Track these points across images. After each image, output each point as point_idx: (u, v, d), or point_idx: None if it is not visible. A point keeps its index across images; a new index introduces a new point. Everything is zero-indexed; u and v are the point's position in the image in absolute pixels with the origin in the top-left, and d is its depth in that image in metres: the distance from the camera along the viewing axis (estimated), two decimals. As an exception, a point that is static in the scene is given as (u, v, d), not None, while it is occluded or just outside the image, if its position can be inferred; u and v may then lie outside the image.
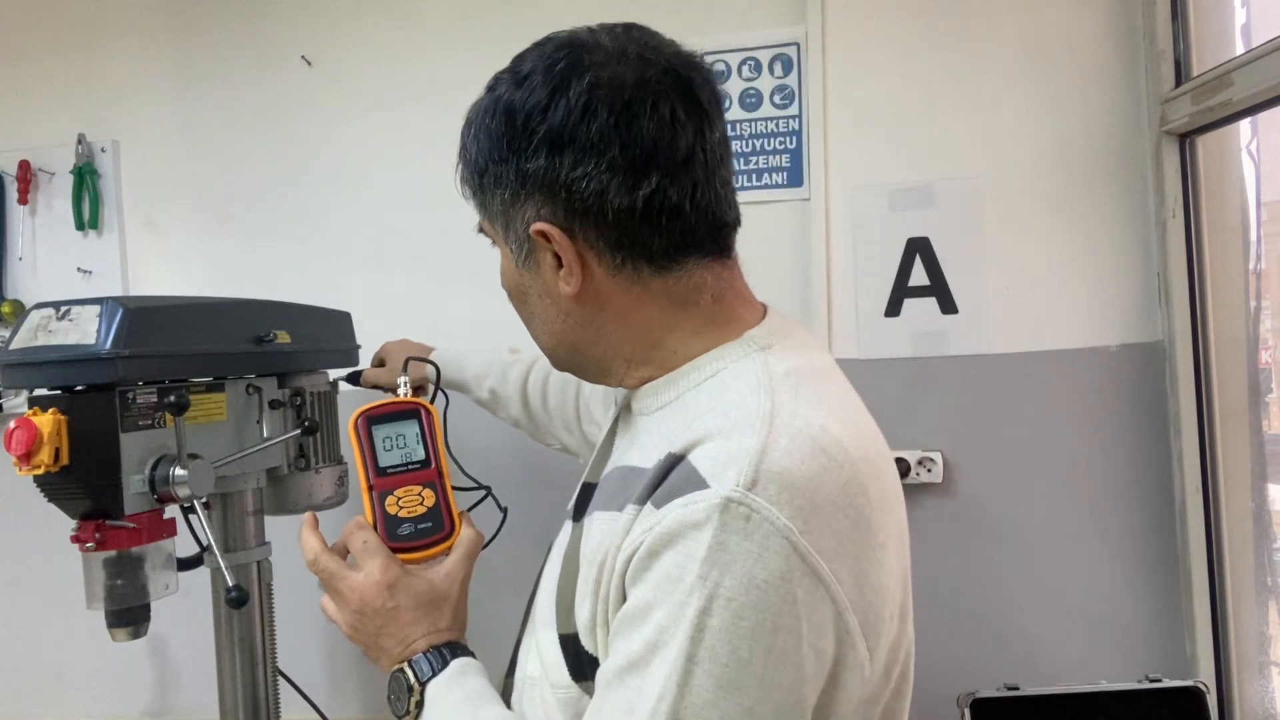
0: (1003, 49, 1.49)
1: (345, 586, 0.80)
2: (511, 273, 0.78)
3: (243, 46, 1.73)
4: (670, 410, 0.74)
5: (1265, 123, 1.38)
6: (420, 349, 1.39)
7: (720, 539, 0.59)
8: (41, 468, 0.93)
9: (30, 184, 1.77)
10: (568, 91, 0.68)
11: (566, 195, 0.70)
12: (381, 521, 0.83)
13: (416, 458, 0.86)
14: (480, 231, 0.80)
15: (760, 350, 0.73)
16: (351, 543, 0.81)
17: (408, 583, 0.79)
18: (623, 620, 0.63)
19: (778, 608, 0.58)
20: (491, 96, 0.73)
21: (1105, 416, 1.47)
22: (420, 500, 0.84)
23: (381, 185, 1.69)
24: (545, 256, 0.73)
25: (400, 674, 0.77)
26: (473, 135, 0.75)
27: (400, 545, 0.82)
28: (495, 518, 1.22)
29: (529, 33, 0.77)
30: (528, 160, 0.70)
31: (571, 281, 0.72)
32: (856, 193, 1.53)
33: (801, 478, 0.61)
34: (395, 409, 0.88)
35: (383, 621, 0.78)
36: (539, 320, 0.78)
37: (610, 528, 0.68)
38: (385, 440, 0.86)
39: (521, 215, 0.73)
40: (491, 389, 1.28)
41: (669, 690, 0.58)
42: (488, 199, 0.75)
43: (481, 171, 0.74)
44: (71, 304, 0.99)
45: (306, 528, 0.86)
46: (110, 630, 1.03)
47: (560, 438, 1.22)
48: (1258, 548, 1.39)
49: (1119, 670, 1.34)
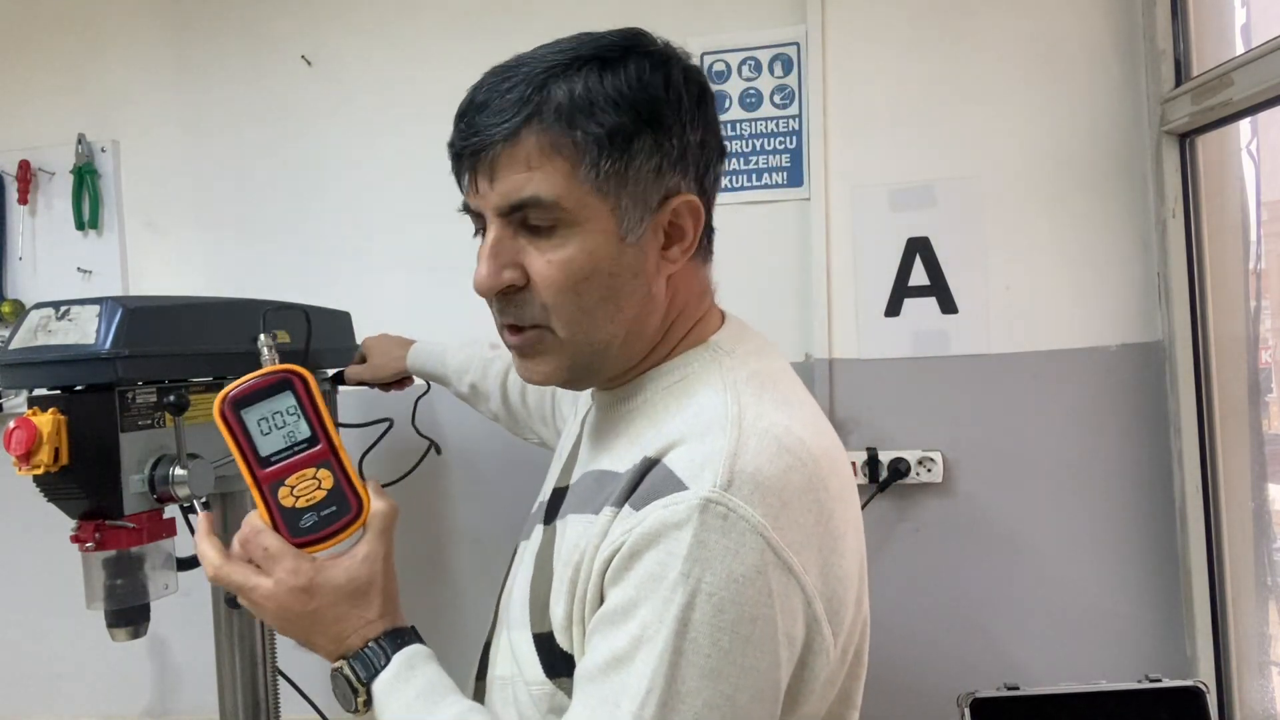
0: (1003, 49, 1.50)
1: (258, 597, 0.73)
2: (605, 250, 0.69)
3: (243, 46, 1.73)
4: (639, 413, 0.75)
5: (1265, 123, 1.38)
6: (401, 342, 1.39)
7: (700, 537, 0.61)
8: (41, 468, 0.93)
9: (30, 184, 1.77)
10: (703, 81, 0.74)
11: (704, 172, 0.74)
12: (279, 517, 0.74)
13: (301, 436, 0.75)
14: (514, 210, 0.69)
15: (724, 355, 0.75)
16: (251, 551, 0.73)
17: (324, 580, 0.72)
18: (603, 618, 0.65)
19: (755, 599, 0.62)
20: (623, 66, 0.69)
21: (1105, 416, 1.47)
22: (317, 484, 0.74)
23: (382, 185, 1.69)
24: (658, 233, 0.72)
25: (338, 675, 0.73)
26: (605, 94, 0.68)
27: (305, 539, 0.73)
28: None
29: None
30: (690, 133, 0.71)
31: (681, 259, 0.73)
32: (856, 193, 1.53)
33: (771, 476, 0.64)
34: (261, 385, 0.75)
35: (308, 624, 0.73)
36: (614, 305, 0.71)
37: (586, 530, 0.69)
38: (261, 423, 0.74)
39: (662, 186, 0.71)
40: (472, 383, 1.29)
41: (657, 682, 0.61)
42: (626, 163, 0.68)
43: (631, 135, 0.68)
44: (71, 304, 0.99)
45: (202, 535, 0.77)
46: (110, 630, 1.03)
47: (538, 432, 1.22)
48: (1258, 548, 1.39)
49: (1119, 670, 1.34)
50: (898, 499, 1.52)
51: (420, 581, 1.67)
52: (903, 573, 1.51)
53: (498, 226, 0.71)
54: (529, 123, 0.67)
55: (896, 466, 1.49)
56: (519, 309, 0.72)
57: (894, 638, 1.50)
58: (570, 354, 0.73)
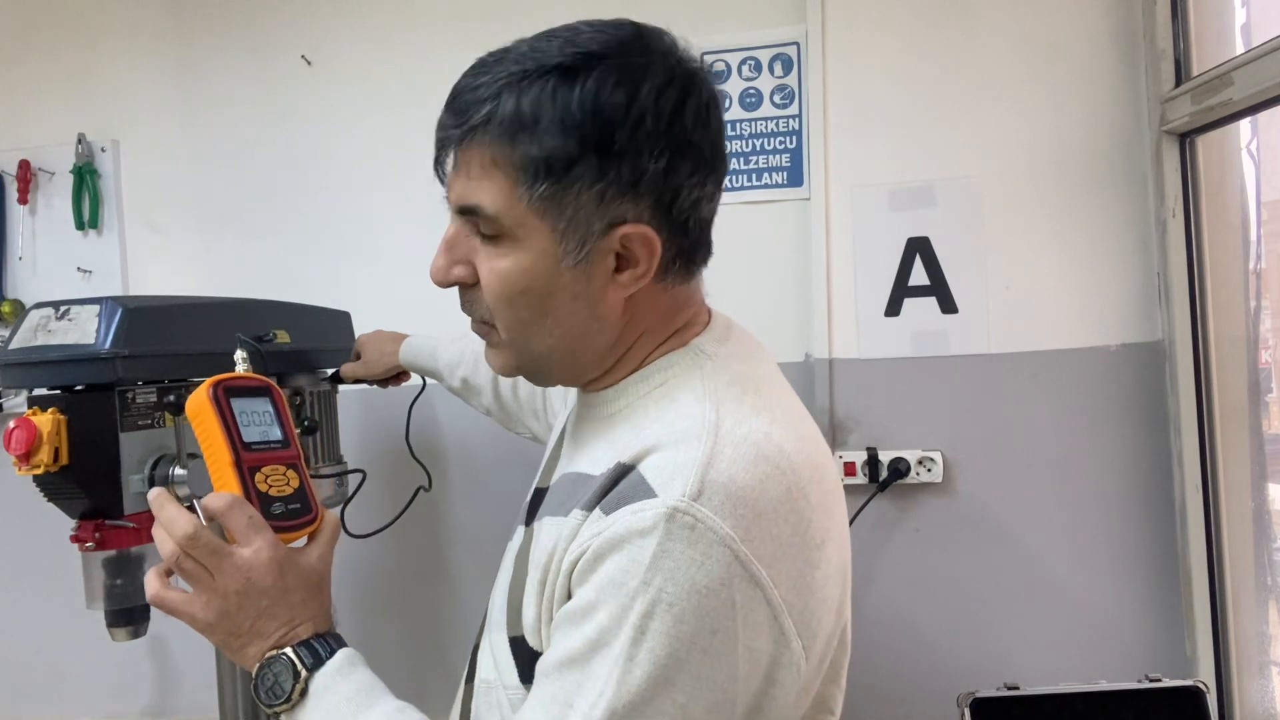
0: (1003, 49, 1.50)
1: (230, 565, 0.71)
2: (540, 271, 0.68)
3: (243, 46, 1.73)
4: (621, 418, 0.75)
5: (1265, 123, 1.38)
6: (394, 338, 1.39)
7: (665, 546, 0.61)
8: (41, 467, 0.93)
9: (30, 184, 1.77)
10: (697, 93, 0.68)
11: (670, 200, 0.68)
12: (255, 499, 0.75)
13: (275, 436, 0.79)
14: (465, 213, 0.70)
15: (706, 359, 0.74)
16: (232, 518, 0.72)
17: (295, 562, 0.74)
18: (565, 617, 0.65)
19: (716, 611, 0.61)
20: (581, 82, 0.65)
21: (1105, 416, 1.47)
22: (287, 480, 0.78)
23: (381, 185, 1.69)
24: (606, 258, 0.68)
25: (279, 660, 0.72)
26: (554, 114, 0.65)
27: (275, 525, 0.75)
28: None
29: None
30: (649, 160, 0.66)
31: (633, 286, 0.70)
32: (856, 193, 1.53)
33: (744, 487, 0.63)
34: (249, 383, 0.80)
35: (269, 601, 0.72)
36: (552, 322, 0.71)
37: (558, 532, 0.69)
38: (243, 415, 0.78)
39: (607, 213, 0.67)
40: (464, 378, 1.28)
41: (608, 687, 0.60)
42: (568, 189, 0.66)
43: (572, 159, 0.65)
44: (71, 304, 0.99)
45: (167, 501, 0.73)
46: (110, 630, 1.03)
47: (530, 426, 1.22)
48: (1258, 548, 1.39)
49: (1119, 670, 1.34)
50: (898, 499, 1.52)
51: (420, 581, 1.67)
52: (903, 573, 1.51)
53: (456, 223, 0.72)
54: (474, 134, 0.67)
55: (896, 466, 1.49)
56: (471, 305, 0.74)
57: (894, 637, 1.50)
58: (515, 354, 0.75)
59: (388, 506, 1.47)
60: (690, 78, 0.69)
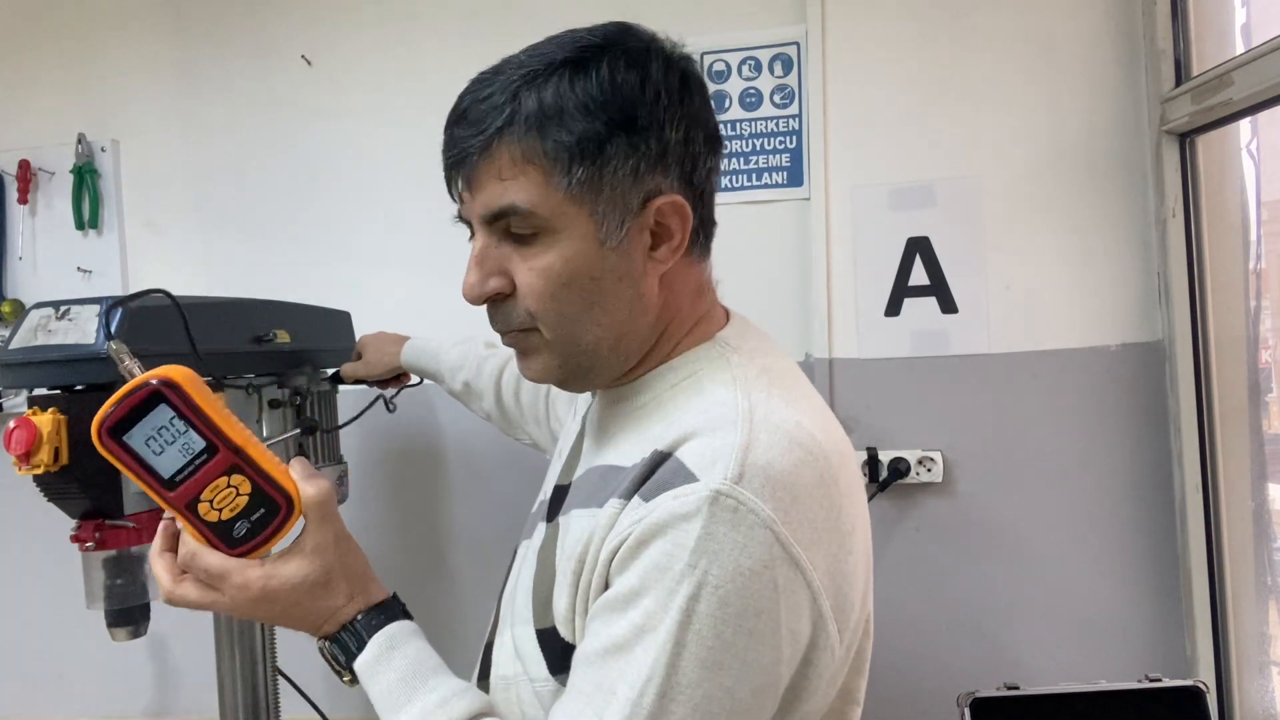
0: (1002, 49, 1.50)
1: (219, 609, 0.72)
2: (585, 255, 0.69)
3: (243, 46, 1.73)
4: (646, 411, 0.75)
5: (1265, 122, 1.38)
6: (396, 339, 1.39)
7: (709, 529, 0.61)
8: (41, 467, 0.93)
9: (30, 184, 1.77)
10: (695, 74, 0.73)
11: (692, 170, 0.72)
12: (209, 534, 0.69)
13: (198, 447, 0.68)
14: (496, 219, 0.70)
15: (732, 352, 0.75)
16: (194, 574, 0.71)
17: (279, 584, 0.70)
18: (605, 605, 0.65)
19: (760, 593, 0.61)
20: (595, 69, 0.68)
21: (1105, 416, 1.47)
22: (235, 492, 0.69)
23: (381, 184, 1.69)
24: (643, 234, 0.71)
25: (322, 652, 0.75)
26: (576, 100, 0.67)
27: (245, 548, 0.70)
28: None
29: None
30: (670, 131, 0.70)
31: (670, 259, 0.72)
32: (856, 193, 1.53)
33: (782, 471, 0.64)
34: (130, 404, 0.67)
35: (276, 620, 0.73)
36: (600, 309, 0.71)
37: (592, 523, 0.69)
38: (150, 444, 0.68)
39: (642, 188, 0.69)
40: (465, 381, 1.28)
41: (657, 671, 0.61)
42: (599, 169, 0.68)
43: (602, 139, 0.67)
44: (71, 303, 0.99)
45: (154, 555, 0.74)
46: (110, 630, 1.03)
47: (531, 432, 1.22)
48: (1258, 548, 1.39)
49: (1119, 670, 1.34)
50: (898, 499, 1.52)
51: (419, 581, 1.67)
52: (903, 573, 1.51)
53: (483, 235, 0.72)
54: (501, 135, 0.68)
55: (896, 466, 1.49)
56: (505, 316, 0.74)
57: (894, 638, 1.50)
58: (559, 353, 0.74)
59: (388, 506, 1.47)
60: (684, 60, 0.74)
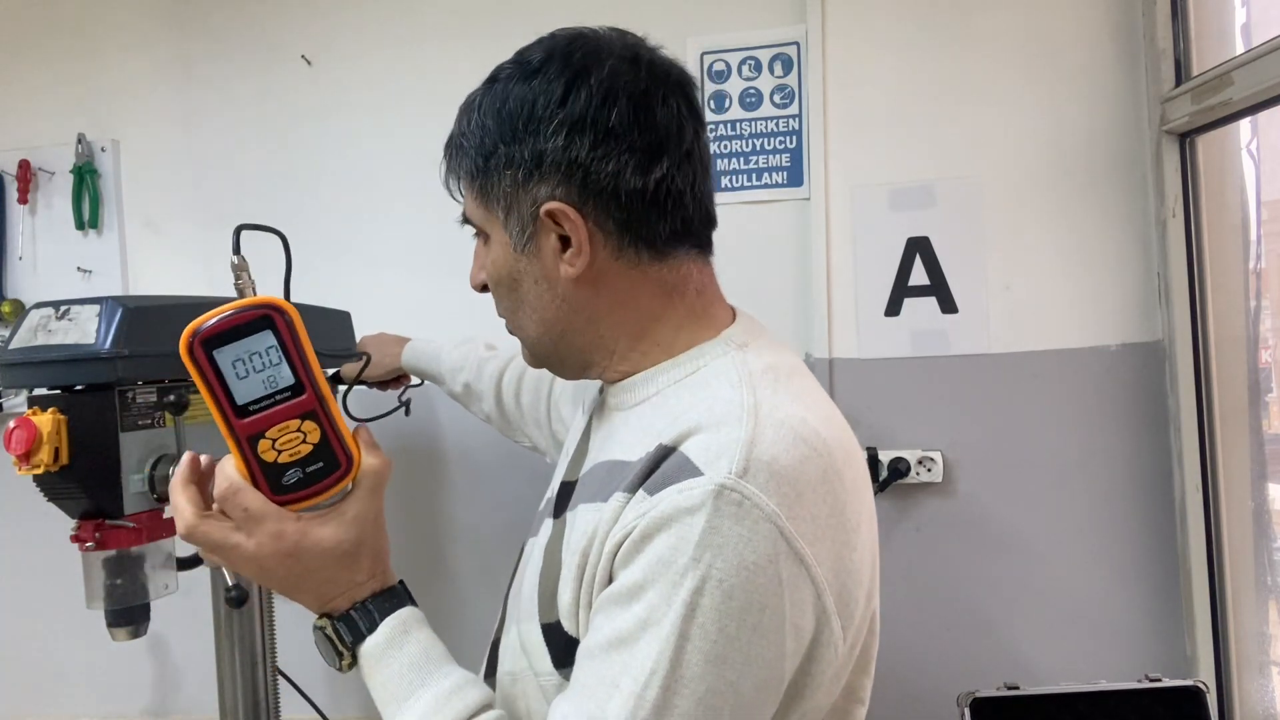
0: (1003, 49, 1.50)
1: (237, 557, 0.69)
2: (505, 260, 0.77)
3: (243, 46, 1.73)
4: (650, 405, 0.76)
5: (1265, 122, 1.38)
6: (397, 340, 1.39)
7: (714, 523, 0.61)
8: (41, 467, 0.93)
9: (30, 184, 1.77)
10: (589, 79, 0.72)
11: (583, 175, 0.72)
12: (259, 473, 0.66)
13: (284, 383, 0.66)
14: (465, 222, 0.81)
15: (737, 348, 0.76)
16: (229, 510, 0.68)
17: (311, 544, 0.69)
18: (609, 598, 0.65)
19: (764, 588, 0.62)
20: (500, 85, 0.75)
21: (1105, 416, 1.47)
22: (302, 438, 0.66)
23: (381, 184, 1.69)
24: (549, 239, 0.74)
25: (324, 630, 0.72)
26: (477, 120, 0.75)
27: (288, 497, 0.67)
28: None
29: (528, 32, 0.77)
30: (545, 140, 0.72)
31: (577, 262, 0.73)
32: (856, 193, 1.53)
33: (787, 466, 0.64)
34: (237, 320, 0.65)
35: (291, 584, 0.71)
36: (529, 308, 0.78)
37: (597, 517, 0.69)
38: (237, 365, 0.65)
39: (531, 196, 0.73)
40: (466, 383, 1.29)
41: (661, 665, 0.61)
42: (492, 181, 0.75)
43: (489, 153, 0.74)
44: (71, 303, 0.99)
45: (177, 484, 0.71)
46: (110, 630, 1.03)
47: (531, 435, 1.22)
48: (1258, 548, 1.39)
49: (1119, 670, 1.34)
50: (898, 499, 1.52)
51: (420, 581, 1.66)
52: (903, 573, 1.51)
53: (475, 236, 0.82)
54: (449, 153, 0.79)
55: (896, 466, 1.49)
56: (496, 305, 0.82)
57: (894, 637, 1.49)
58: (523, 345, 0.83)
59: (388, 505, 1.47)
60: (595, 65, 0.72)
